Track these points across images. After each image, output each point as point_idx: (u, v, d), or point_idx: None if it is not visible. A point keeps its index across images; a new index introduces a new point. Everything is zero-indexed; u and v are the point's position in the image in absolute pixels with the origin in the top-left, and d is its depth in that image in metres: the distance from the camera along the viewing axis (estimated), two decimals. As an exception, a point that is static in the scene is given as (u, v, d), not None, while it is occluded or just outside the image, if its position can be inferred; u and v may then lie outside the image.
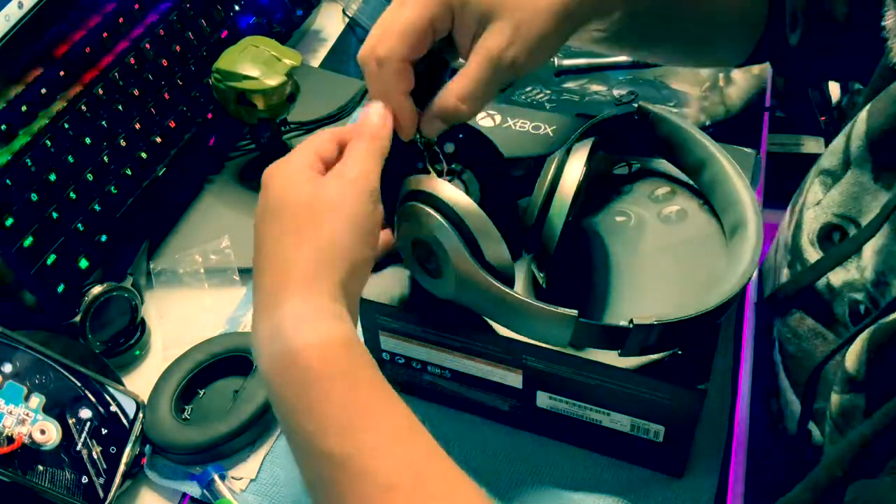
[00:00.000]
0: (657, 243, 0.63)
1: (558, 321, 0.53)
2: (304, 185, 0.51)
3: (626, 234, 0.63)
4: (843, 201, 0.59)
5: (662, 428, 0.59)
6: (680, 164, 0.65)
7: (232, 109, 0.83)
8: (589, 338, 0.54)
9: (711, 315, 0.53)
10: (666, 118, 0.63)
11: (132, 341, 0.75)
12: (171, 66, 0.86)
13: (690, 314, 0.52)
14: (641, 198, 0.66)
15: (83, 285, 0.74)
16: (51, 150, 0.73)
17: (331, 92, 0.97)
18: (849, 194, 0.59)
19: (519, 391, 0.62)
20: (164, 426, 0.66)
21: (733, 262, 0.57)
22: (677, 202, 0.65)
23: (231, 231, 0.82)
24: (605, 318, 0.58)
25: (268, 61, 0.81)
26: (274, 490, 0.65)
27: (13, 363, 0.63)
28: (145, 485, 0.67)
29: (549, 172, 0.57)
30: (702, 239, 0.62)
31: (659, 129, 0.63)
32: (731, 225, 0.60)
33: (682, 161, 0.64)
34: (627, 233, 0.64)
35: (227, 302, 0.78)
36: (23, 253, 0.70)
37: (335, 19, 1.08)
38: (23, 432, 0.61)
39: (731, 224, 0.60)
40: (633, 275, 0.61)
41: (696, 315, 0.52)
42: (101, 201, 0.77)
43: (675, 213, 0.64)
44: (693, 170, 0.64)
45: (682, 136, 0.63)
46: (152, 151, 0.82)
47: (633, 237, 0.63)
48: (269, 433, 0.68)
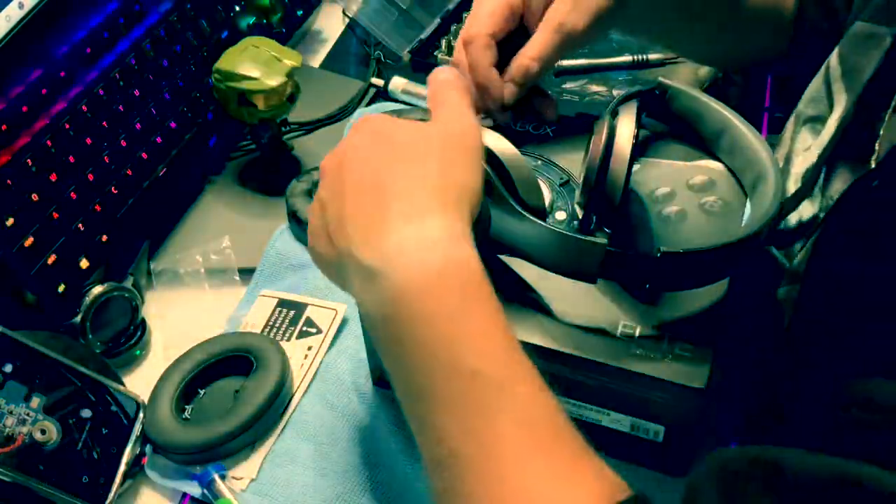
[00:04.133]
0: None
1: (588, 249, 0.53)
2: (424, 126, 0.52)
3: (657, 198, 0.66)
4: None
5: (662, 428, 0.59)
6: (699, 135, 0.67)
7: (232, 110, 0.83)
8: (617, 267, 0.54)
9: (735, 247, 0.54)
10: (684, 91, 0.67)
11: (132, 341, 0.75)
12: (171, 66, 0.86)
13: (715, 244, 0.53)
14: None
15: (83, 285, 0.74)
16: (51, 150, 0.73)
17: (331, 92, 0.97)
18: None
19: (519, 391, 0.62)
20: (164, 426, 0.66)
21: (756, 209, 0.59)
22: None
23: (231, 231, 0.82)
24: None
25: (268, 62, 0.81)
26: (274, 490, 0.65)
27: (13, 363, 0.63)
28: (145, 485, 0.67)
29: (603, 133, 0.58)
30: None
31: (677, 104, 0.67)
32: (751, 181, 0.62)
33: (701, 131, 0.67)
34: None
35: (227, 302, 0.78)
36: (23, 253, 0.70)
37: (335, 19, 1.08)
38: (23, 432, 0.61)
39: (751, 181, 0.62)
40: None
41: (720, 245, 0.53)
42: (102, 201, 0.77)
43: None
44: (712, 139, 0.66)
45: (700, 107, 0.66)
46: (153, 151, 0.82)
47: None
48: (269, 433, 0.68)
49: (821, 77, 0.65)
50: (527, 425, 0.44)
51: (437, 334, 0.46)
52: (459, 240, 0.47)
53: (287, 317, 0.75)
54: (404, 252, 0.47)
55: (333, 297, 0.76)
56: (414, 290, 0.46)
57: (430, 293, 0.46)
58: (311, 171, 0.83)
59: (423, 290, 0.46)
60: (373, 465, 0.65)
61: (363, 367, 0.70)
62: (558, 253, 0.56)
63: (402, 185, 0.49)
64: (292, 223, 0.81)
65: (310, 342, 0.73)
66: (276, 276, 0.79)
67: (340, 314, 0.74)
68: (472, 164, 0.51)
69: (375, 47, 1.02)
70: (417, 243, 0.47)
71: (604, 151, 0.57)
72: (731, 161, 0.65)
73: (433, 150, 0.50)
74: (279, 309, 0.76)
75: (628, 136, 0.57)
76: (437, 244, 0.47)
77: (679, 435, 0.59)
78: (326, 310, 0.75)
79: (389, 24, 1.00)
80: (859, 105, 0.60)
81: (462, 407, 0.44)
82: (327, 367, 0.72)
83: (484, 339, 0.46)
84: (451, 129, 0.52)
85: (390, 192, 0.49)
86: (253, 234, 0.82)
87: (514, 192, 0.56)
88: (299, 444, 0.67)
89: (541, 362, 0.58)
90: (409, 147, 0.51)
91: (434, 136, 0.51)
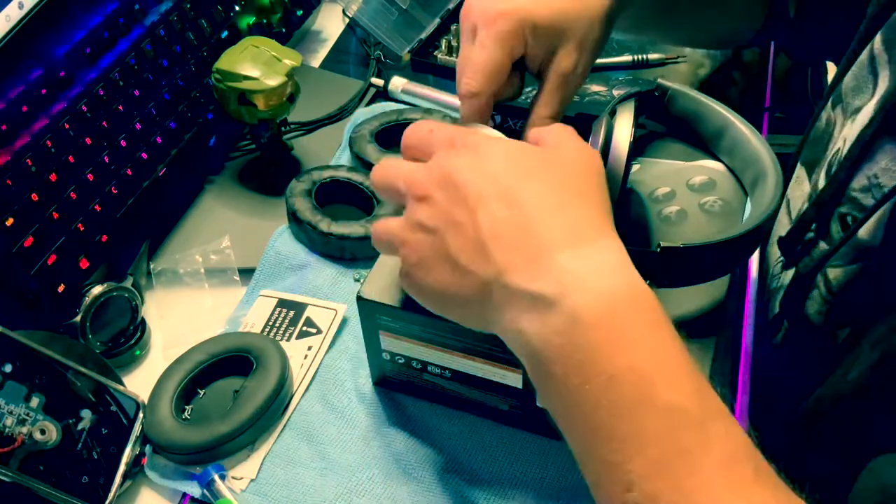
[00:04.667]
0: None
1: None
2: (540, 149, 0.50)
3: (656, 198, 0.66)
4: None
5: (662, 428, 0.59)
6: (698, 136, 0.67)
7: (232, 109, 0.83)
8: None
9: (735, 243, 0.54)
10: (683, 92, 0.67)
11: (132, 341, 0.75)
12: (171, 66, 0.86)
13: (715, 239, 0.53)
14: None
15: (83, 285, 0.74)
16: (51, 150, 0.73)
17: (331, 92, 0.97)
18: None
19: (519, 391, 0.62)
20: (164, 426, 0.66)
21: (756, 206, 0.59)
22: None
23: (231, 231, 0.82)
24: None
25: (268, 61, 0.81)
26: (274, 490, 0.65)
27: (13, 363, 0.63)
28: (145, 485, 0.67)
29: (601, 132, 0.58)
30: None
31: (676, 105, 0.67)
32: (751, 180, 0.62)
33: (701, 132, 0.67)
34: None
35: (227, 302, 0.78)
36: (23, 253, 0.70)
37: (335, 19, 1.08)
38: (23, 432, 0.61)
39: (751, 179, 0.62)
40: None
41: (721, 240, 0.54)
42: (101, 201, 0.77)
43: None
44: (712, 139, 0.66)
45: (699, 107, 0.66)
46: (152, 151, 0.82)
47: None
48: (269, 433, 0.68)
49: (862, 65, 0.62)
50: (728, 468, 0.40)
51: (624, 365, 0.41)
52: (631, 266, 0.44)
53: (287, 317, 0.75)
54: (583, 277, 0.43)
55: (333, 297, 0.76)
56: (596, 317, 0.42)
57: (614, 321, 0.42)
58: (311, 171, 0.83)
59: (607, 318, 0.42)
60: (373, 466, 0.65)
61: (363, 367, 0.70)
62: None
63: (552, 202, 0.45)
64: (292, 223, 0.81)
65: (310, 342, 0.73)
66: (275, 276, 0.79)
67: (340, 314, 0.74)
68: (606, 190, 0.48)
69: (375, 47, 1.02)
70: (599, 266, 0.43)
71: (601, 150, 0.57)
72: (731, 161, 0.66)
73: (573, 172, 0.47)
74: (279, 309, 0.76)
75: (626, 135, 0.57)
76: (618, 269, 0.43)
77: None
78: (326, 310, 0.75)
79: (389, 24, 1.00)
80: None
81: (658, 447, 0.40)
82: (327, 367, 0.72)
83: (677, 372, 0.41)
84: (579, 155, 0.49)
85: (539, 211, 0.44)
86: (253, 234, 0.82)
87: None
88: (299, 444, 0.67)
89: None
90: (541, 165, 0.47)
91: (563, 157, 0.48)
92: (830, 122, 0.67)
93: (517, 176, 0.46)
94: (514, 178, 0.46)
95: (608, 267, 0.43)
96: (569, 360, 0.42)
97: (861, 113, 0.60)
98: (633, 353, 0.41)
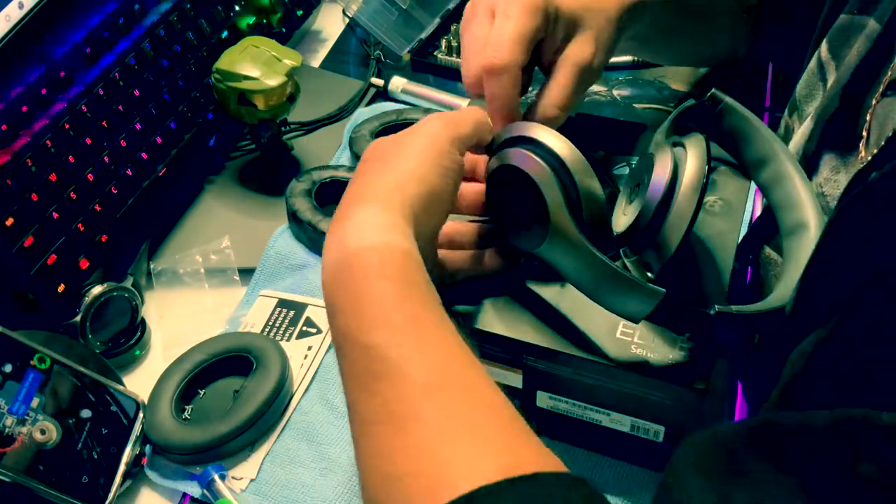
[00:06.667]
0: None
1: (645, 295, 0.51)
2: (392, 136, 0.56)
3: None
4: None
5: (662, 428, 0.59)
6: (740, 156, 0.64)
7: (232, 109, 0.83)
8: (667, 317, 0.53)
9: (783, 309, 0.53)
10: (736, 109, 0.63)
11: (132, 341, 0.75)
12: (171, 66, 0.86)
13: (768, 307, 0.52)
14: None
15: (83, 285, 0.74)
16: (51, 150, 0.73)
17: (331, 92, 0.97)
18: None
19: (519, 391, 0.62)
20: (164, 426, 0.66)
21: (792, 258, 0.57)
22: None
23: (231, 231, 0.82)
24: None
25: (268, 61, 0.81)
26: (274, 490, 0.65)
27: (13, 363, 0.63)
28: (145, 485, 0.67)
29: (667, 165, 0.54)
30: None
31: (727, 120, 0.63)
32: (790, 224, 0.59)
33: (744, 154, 0.63)
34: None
35: (227, 302, 0.78)
36: (23, 253, 0.70)
37: (335, 19, 1.08)
38: (23, 432, 0.61)
39: (790, 223, 0.59)
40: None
41: (772, 309, 0.52)
42: (101, 201, 0.77)
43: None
44: (754, 164, 0.63)
45: (749, 129, 0.62)
46: (152, 151, 0.82)
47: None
48: (269, 433, 0.68)
49: (812, 72, 0.64)
50: (433, 391, 0.44)
51: (342, 318, 0.48)
52: (393, 229, 0.50)
53: (287, 317, 0.75)
54: (326, 251, 0.51)
55: (333, 297, 0.76)
56: (328, 281, 0.50)
57: (337, 284, 0.49)
58: (311, 171, 0.83)
59: (334, 283, 0.50)
60: (373, 466, 0.65)
61: (363, 367, 0.70)
62: (607, 289, 0.53)
63: (358, 184, 0.54)
64: (292, 223, 0.81)
65: (310, 342, 0.73)
66: (275, 276, 0.79)
67: (340, 314, 0.74)
68: (429, 155, 0.53)
69: (375, 47, 1.02)
70: (337, 239, 0.50)
71: (664, 194, 0.53)
72: (769, 192, 0.63)
73: (397, 147, 0.54)
74: (279, 309, 0.76)
75: (698, 177, 0.52)
76: (380, 228, 0.50)
77: (679, 435, 0.59)
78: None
79: (389, 24, 1.00)
80: (845, 92, 0.58)
81: (357, 375, 0.47)
82: (327, 367, 0.72)
83: (383, 318, 0.47)
84: (426, 128, 0.55)
85: (347, 195, 0.53)
86: (253, 234, 0.82)
87: (577, 211, 0.52)
88: (299, 444, 0.67)
89: (542, 363, 0.59)
90: (382, 152, 0.55)
91: (406, 134, 0.55)
92: (789, 129, 0.67)
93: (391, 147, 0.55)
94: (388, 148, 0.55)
95: (372, 224, 0.50)
96: (327, 301, 0.51)
97: (805, 122, 0.61)
98: (351, 297, 0.48)
